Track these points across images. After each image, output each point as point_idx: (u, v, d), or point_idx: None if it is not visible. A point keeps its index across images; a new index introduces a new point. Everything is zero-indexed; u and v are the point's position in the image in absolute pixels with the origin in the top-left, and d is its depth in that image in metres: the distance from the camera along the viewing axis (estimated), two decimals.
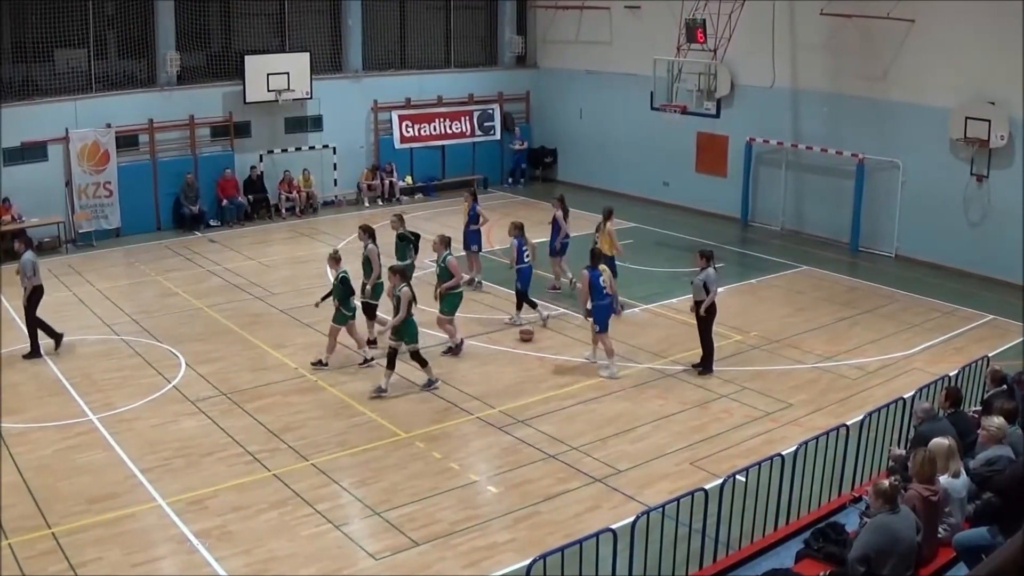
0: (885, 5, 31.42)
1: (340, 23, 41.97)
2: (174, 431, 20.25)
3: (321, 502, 17.39)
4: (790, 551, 14.03)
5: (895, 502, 12.33)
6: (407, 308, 21.82)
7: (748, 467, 15.41)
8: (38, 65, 35.01)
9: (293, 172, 39.87)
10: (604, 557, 12.93)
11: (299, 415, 21.09)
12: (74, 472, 18.42)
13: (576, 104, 45.11)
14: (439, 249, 25.14)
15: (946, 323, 27.01)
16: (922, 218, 32.53)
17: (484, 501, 17.69)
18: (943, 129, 31.12)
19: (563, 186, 44.81)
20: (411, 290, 22.15)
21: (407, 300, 21.83)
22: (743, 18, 33.06)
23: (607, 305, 23.38)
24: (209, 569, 15.31)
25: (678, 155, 40.32)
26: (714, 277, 23.09)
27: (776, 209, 37.51)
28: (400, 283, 21.95)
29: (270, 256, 33.74)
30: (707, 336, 23.38)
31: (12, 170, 33.71)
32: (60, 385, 22.64)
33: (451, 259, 24.77)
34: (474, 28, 46.80)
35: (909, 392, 18.56)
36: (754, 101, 37.33)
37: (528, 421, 20.75)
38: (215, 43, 39.39)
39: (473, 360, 24.36)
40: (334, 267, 23.95)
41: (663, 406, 21.56)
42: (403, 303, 21.76)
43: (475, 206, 30.34)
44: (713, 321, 23.33)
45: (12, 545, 15.77)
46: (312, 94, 39.88)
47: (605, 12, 42.78)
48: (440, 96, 44.46)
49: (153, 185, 37.11)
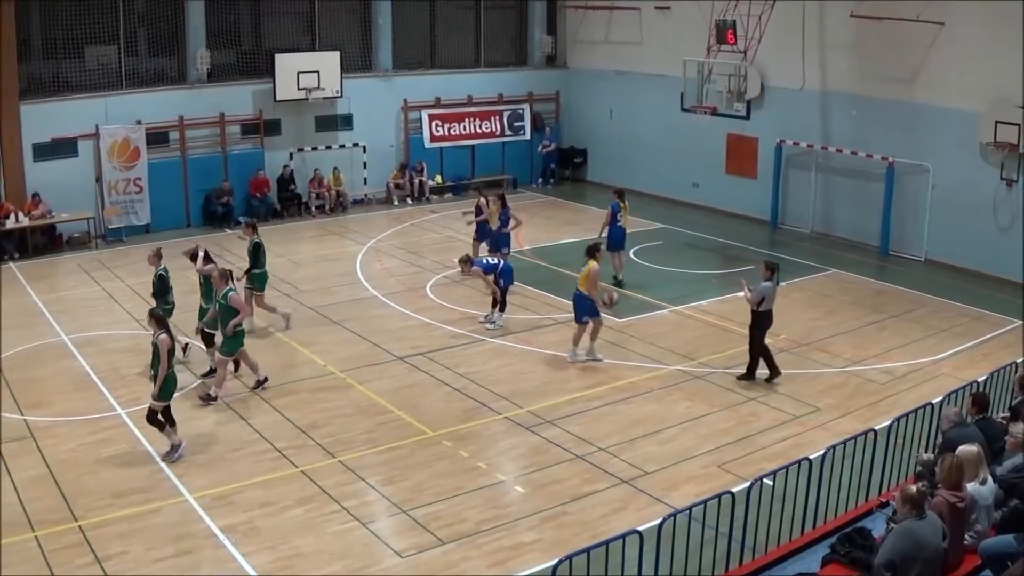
0: (914, 7, 31.28)
1: (370, 22, 42.06)
2: (201, 426, 20.33)
3: (347, 499, 17.41)
4: (816, 556, 13.97)
5: (922, 508, 12.26)
6: (167, 359, 18.55)
7: (775, 471, 15.34)
8: (68, 62, 35.21)
9: (323, 171, 39.99)
10: (630, 559, 12.90)
11: (326, 412, 21.13)
12: (100, 466, 18.52)
13: (606, 104, 45.06)
14: (219, 285, 21.82)
15: (975, 328, 26.86)
16: (951, 222, 32.34)
17: (510, 501, 17.68)
18: (973, 133, 30.92)
19: (593, 186, 44.99)
20: (170, 337, 18.92)
21: (166, 349, 18.57)
22: (773, 19, 32.98)
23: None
24: (235, 564, 15.36)
25: (708, 156, 40.21)
26: (771, 290, 22.61)
27: (806, 212, 37.36)
28: (158, 330, 18.83)
29: (299, 254, 33.81)
30: (757, 345, 22.95)
31: (42, 166, 33.96)
32: (88, 379, 22.76)
33: (233, 295, 21.81)
34: (504, 28, 46.80)
35: (937, 397, 18.43)
36: (784, 103, 37.21)
37: (556, 421, 20.73)
38: (245, 41, 39.54)
39: (502, 359, 24.35)
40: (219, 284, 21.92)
41: (691, 408, 21.51)
42: (162, 353, 18.55)
43: (505, 210, 30.23)
44: (765, 332, 22.94)
45: (39, 537, 15.87)
46: (342, 93, 39.95)
47: (635, 12, 42.69)
48: (470, 96, 44.47)
49: (183, 182, 37.29)
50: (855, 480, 16.41)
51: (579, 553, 12.45)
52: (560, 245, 35.17)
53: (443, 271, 31.01)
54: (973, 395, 16.41)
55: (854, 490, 16.32)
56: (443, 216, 38.15)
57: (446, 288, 29.38)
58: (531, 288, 29.62)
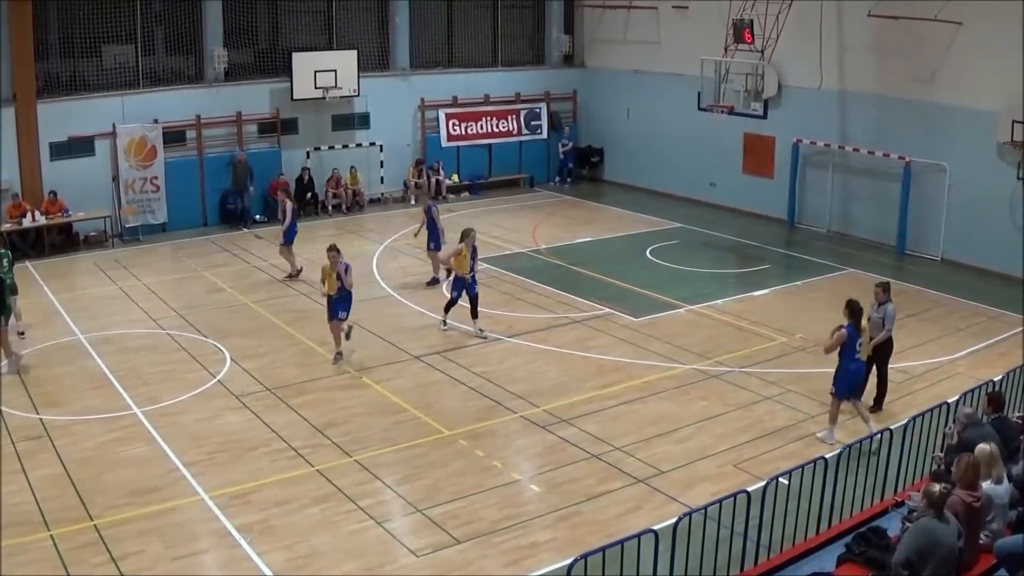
0: (933, 7, 31.17)
1: (388, 21, 42.10)
2: (218, 425, 20.37)
3: (363, 498, 17.42)
4: (831, 555, 13.96)
5: (941, 509, 12.27)
6: None
7: (791, 470, 15.30)
8: (85, 61, 35.30)
9: (341, 170, 40.02)
10: (645, 558, 12.92)
11: (343, 411, 21.14)
12: (117, 465, 18.55)
13: (623, 104, 45.04)
14: None
15: (991, 328, 26.77)
16: (969, 222, 32.25)
17: (526, 500, 17.67)
18: (990, 132, 30.84)
19: (609, 186, 44.94)
20: None
21: None
22: (791, 19, 32.99)
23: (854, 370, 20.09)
24: (251, 563, 15.38)
25: (725, 156, 40.17)
26: (893, 313, 21.28)
27: (823, 211, 37.27)
28: None
29: (316, 253, 33.74)
30: (883, 371, 21.65)
31: (59, 164, 34.10)
32: (105, 378, 22.79)
33: None
34: (521, 27, 46.80)
35: (953, 397, 18.39)
36: (801, 102, 37.12)
37: (572, 420, 20.71)
38: (263, 40, 39.64)
39: (518, 358, 24.35)
40: None
41: (707, 407, 21.48)
42: None
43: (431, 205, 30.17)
44: (889, 357, 21.72)
45: (54, 536, 15.91)
46: (359, 92, 40.01)
47: (652, 12, 42.67)
48: (487, 95, 44.51)
49: (200, 180, 37.40)
50: (871, 479, 16.37)
51: (594, 552, 12.46)
52: (577, 244, 35.18)
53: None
54: (989, 394, 16.42)
55: (870, 489, 16.28)
56: (460, 215, 38.11)
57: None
58: (547, 287, 29.65)
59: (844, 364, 19.63)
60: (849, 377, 19.72)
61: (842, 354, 19.61)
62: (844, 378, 19.71)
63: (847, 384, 19.76)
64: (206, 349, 24.61)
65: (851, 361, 19.60)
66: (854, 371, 19.76)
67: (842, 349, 19.56)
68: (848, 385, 19.78)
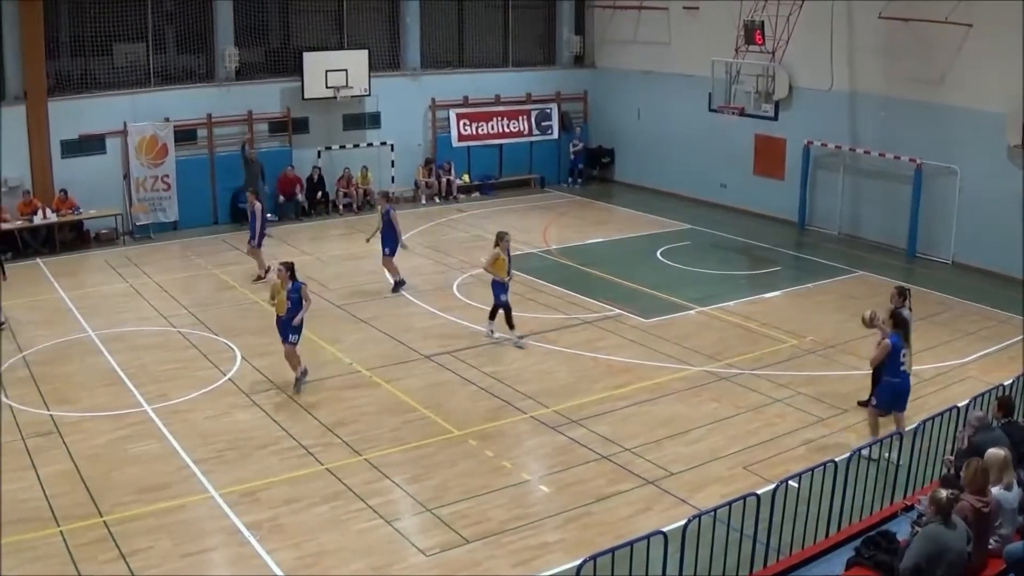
0: (943, 9, 31.12)
1: (398, 21, 42.11)
2: (227, 423, 20.39)
3: (372, 497, 17.42)
4: (840, 558, 13.97)
5: (948, 514, 12.26)
6: None
7: (801, 473, 15.30)
8: (96, 59, 35.35)
9: (352, 169, 40.04)
10: (654, 560, 12.89)
11: (353, 410, 21.15)
12: (127, 462, 18.57)
13: (634, 104, 45.00)
14: None
15: (1001, 332, 26.68)
16: (979, 225, 32.17)
17: (535, 500, 17.66)
18: (1001, 135, 30.81)
19: (620, 186, 44.96)
20: None
21: None
22: (801, 20, 32.98)
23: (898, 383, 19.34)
24: (259, 561, 15.39)
25: (735, 157, 40.12)
26: (910, 317, 20.74)
27: (833, 213, 37.23)
28: None
29: (326, 251, 33.88)
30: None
31: (70, 162, 34.19)
32: (115, 375, 22.83)
33: None
34: (532, 27, 46.76)
35: (963, 401, 18.37)
36: (812, 104, 37.07)
37: (582, 421, 20.69)
38: (273, 39, 39.69)
39: (528, 359, 24.34)
40: None
41: (717, 409, 21.45)
42: None
43: (389, 208, 30.10)
44: None
45: (63, 532, 15.95)
46: (370, 91, 40.02)
47: (663, 13, 42.64)
48: (498, 95, 44.50)
49: (211, 179, 37.46)
50: (880, 483, 16.37)
51: (603, 553, 12.46)
52: (588, 245, 35.20)
53: (470, 270, 30.96)
54: (999, 399, 16.38)
55: (879, 493, 16.28)
56: (470, 215, 38.16)
57: (472, 287, 29.35)
58: (558, 287, 29.66)
59: (887, 376, 19.08)
60: (892, 389, 19.13)
61: (886, 366, 19.08)
62: (886, 390, 19.20)
63: (889, 396, 19.20)
64: (216, 347, 24.64)
65: (895, 374, 19.00)
66: (898, 384, 19.09)
67: (886, 360, 19.02)
68: (891, 397, 19.19)
